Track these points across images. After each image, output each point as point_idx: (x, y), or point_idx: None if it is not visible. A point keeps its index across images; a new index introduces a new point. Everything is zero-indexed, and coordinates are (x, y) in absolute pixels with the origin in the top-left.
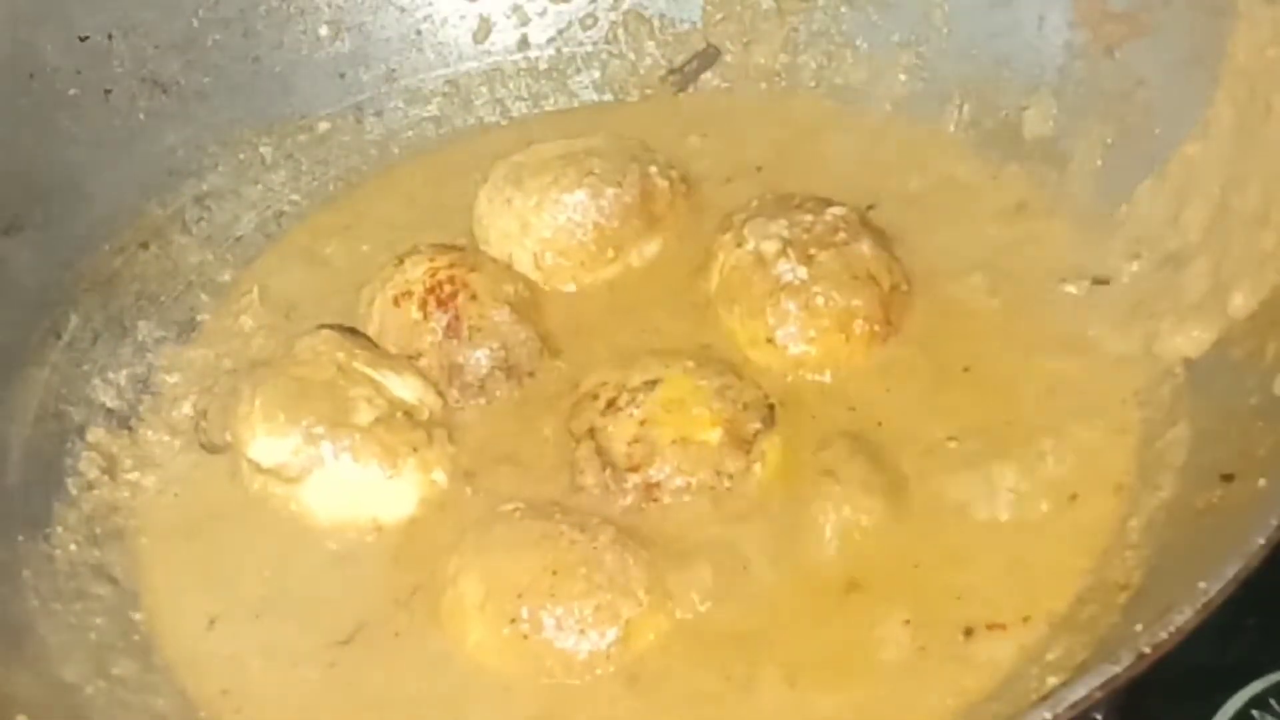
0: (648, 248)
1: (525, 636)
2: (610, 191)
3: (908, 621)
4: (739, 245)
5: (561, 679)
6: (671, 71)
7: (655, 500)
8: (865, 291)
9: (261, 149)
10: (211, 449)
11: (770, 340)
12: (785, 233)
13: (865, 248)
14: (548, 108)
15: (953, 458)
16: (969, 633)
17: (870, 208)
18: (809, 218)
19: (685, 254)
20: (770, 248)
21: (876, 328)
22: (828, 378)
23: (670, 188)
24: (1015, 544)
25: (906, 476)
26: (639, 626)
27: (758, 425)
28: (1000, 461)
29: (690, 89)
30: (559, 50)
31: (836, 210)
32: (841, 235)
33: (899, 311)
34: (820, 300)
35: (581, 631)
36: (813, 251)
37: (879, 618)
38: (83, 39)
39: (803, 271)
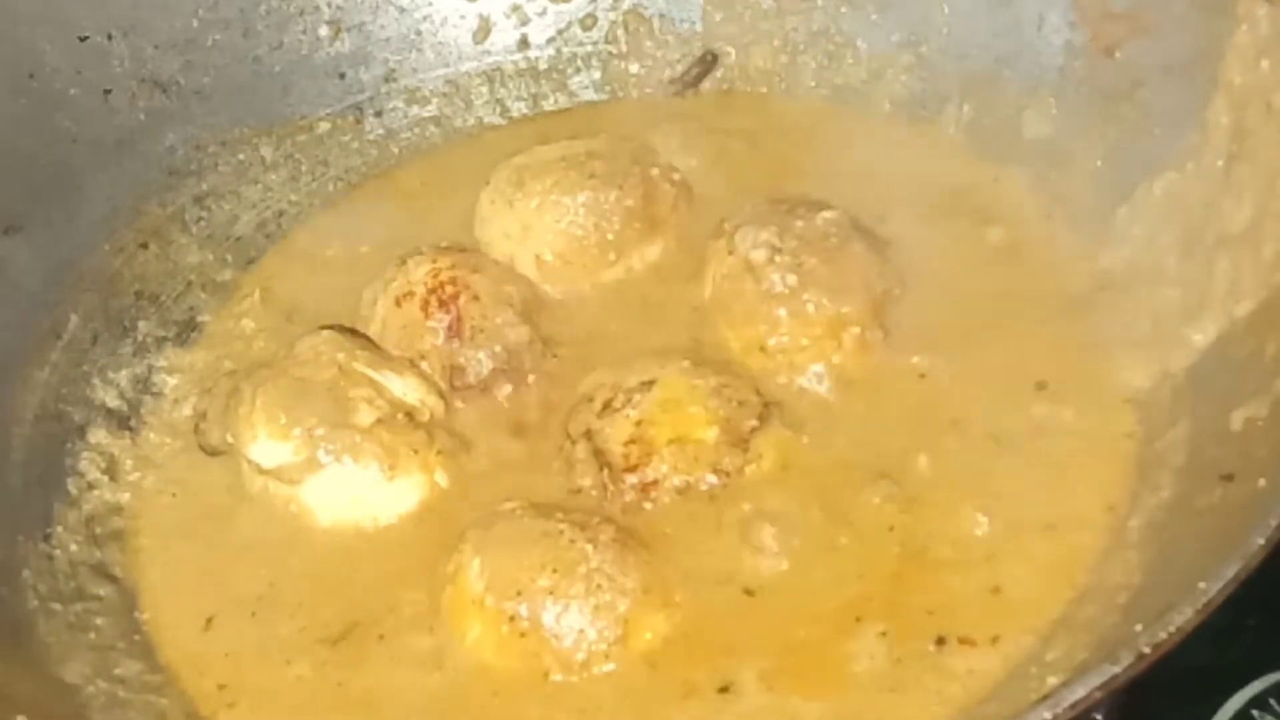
0: (649, 250)
1: (523, 634)
2: (612, 195)
3: (884, 634)
4: (730, 253)
5: (558, 677)
6: (672, 81)
7: (653, 500)
8: (856, 297)
9: (261, 149)
10: (211, 451)
11: (763, 348)
12: (775, 240)
13: (856, 252)
14: (548, 108)
15: (945, 471)
16: (941, 642)
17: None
18: (799, 223)
19: (686, 257)
20: (760, 256)
21: (868, 333)
22: (821, 383)
23: (672, 191)
24: (996, 565)
25: (899, 487)
26: (636, 626)
27: (754, 423)
28: (990, 479)
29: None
30: (559, 50)
31: (827, 214)
32: (832, 240)
33: (891, 315)
34: (811, 307)
35: (580, 630)
36: (803, 258)
37: (857, 629)
38: (83, 39)
39: (793, 279)
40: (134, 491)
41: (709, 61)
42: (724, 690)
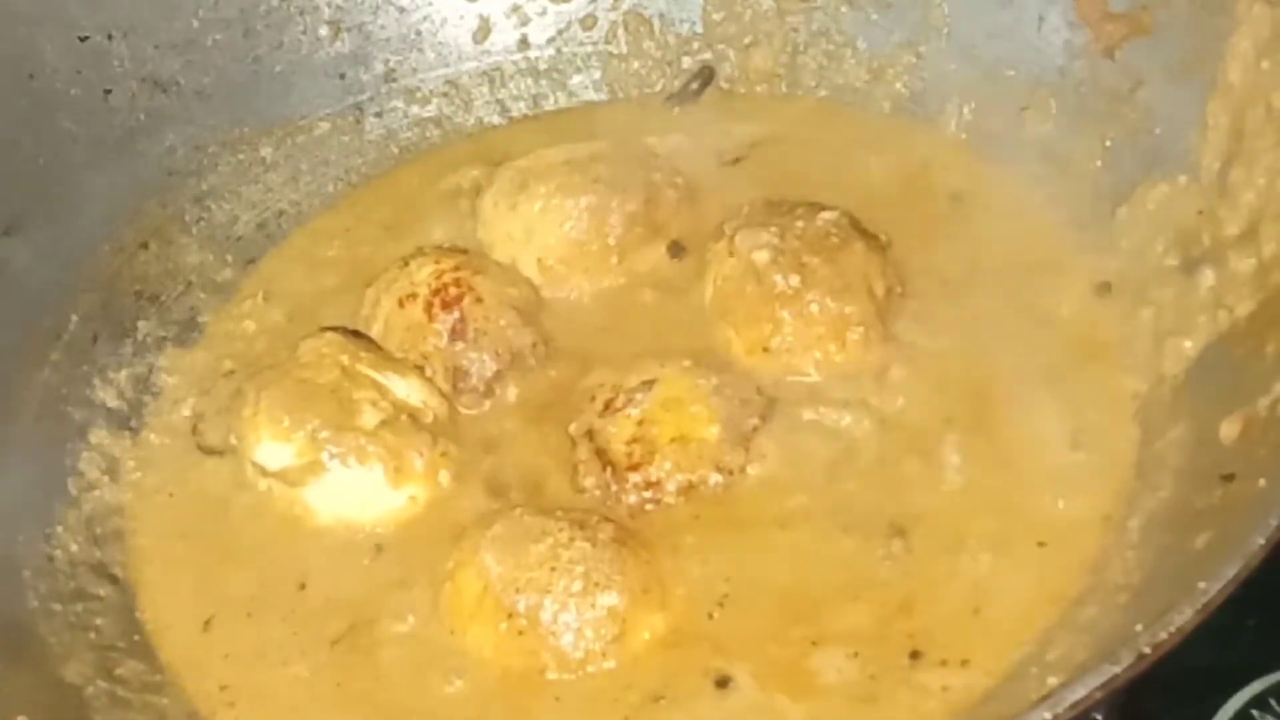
0: (651, 253)
1: (522, 632)
2: (614, 199)
3: (856, 653)
4: (731, 255)
5: (557, 675)
6: (670, 96)
7: (657, 501)
8: (858, 297)
9: (261, 149)
10: (210, 451)
11: (766, 348)
12: (776, 241)
13: (857, 252)
14: (548, 108)
15: (943, 480)
16: (915, 655)
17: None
18: (800, 224)
19: (688, 259)
20: (762, 257)
21: (871, 333)
22: (822, 384)
23: (674, 195)
24: (982, 586)
25: (898, 493)
26: (634, 624)
27: (756, 422)
28: (987, 490)
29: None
30: (559, 50)
31: (828, 215)
32: (833, 240)
33: (893, 316)
34: (814, 308)
35: (578, 628)
36: (805, 258)
37: (838, 637)
38: (83, 39)
39: (795, 280)
40: (134, 491)
41: (706, 76)
42: (720, 685)
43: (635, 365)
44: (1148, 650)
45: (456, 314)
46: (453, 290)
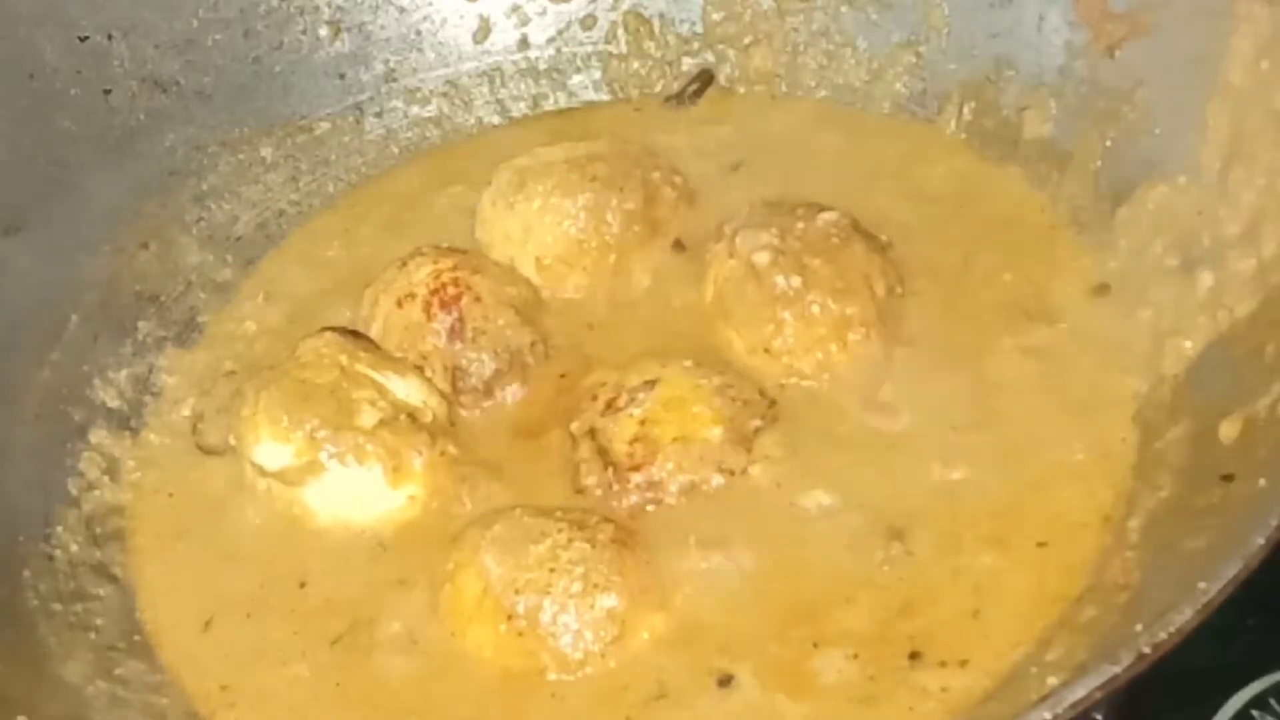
0: (650, 252)
1: (521, 633)
2: (613, 198)
3: (855, 655)
4: (731, 256)
5: (556, 675)
6: (669, 99)
7: (658, 501)
8: (859, 298)
9: (261, 149)
10: (210, 451)
11: (768, 349)
12: (776, 241)
13: (857, 253)
14: (547, 108)
15: (942, 482)
16: (915, 656)
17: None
18: (800, 225)
19: (688, 259)
20: (763, 258)
21: (872, 333)
22: (824, 384)
23: (673, 194)
24: (982, 588)
25: (897, 495)
26: (634, 625)
27: (758, 422)
28: (987, 492)
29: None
30: (559, 50)
31: (828, 215)
32: (834, 241)
33: (894, 316)
34: (815, 309)
35: (577, 629)
36: (805, 259)
37: (835, 638)
38: (83, 39)
39: (796, 280)
40: (134, 491)
41: (705, 79)
42: (723, 684)
43: (635, 365)
44: (1148, 650)
45: (455, 314)
46: (451, 290)
